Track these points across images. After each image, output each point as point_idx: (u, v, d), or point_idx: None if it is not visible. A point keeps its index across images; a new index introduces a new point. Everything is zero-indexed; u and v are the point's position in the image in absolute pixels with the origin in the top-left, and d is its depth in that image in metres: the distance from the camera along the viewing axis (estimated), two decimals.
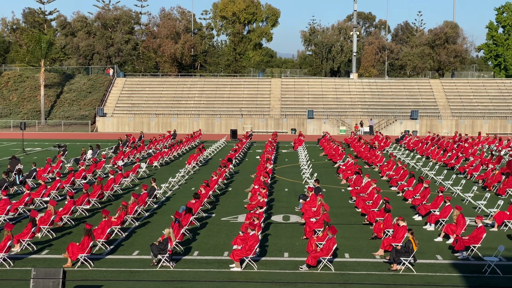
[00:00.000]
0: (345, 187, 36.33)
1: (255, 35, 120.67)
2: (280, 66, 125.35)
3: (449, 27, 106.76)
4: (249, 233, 21.13)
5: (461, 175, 40.70)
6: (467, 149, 50.52)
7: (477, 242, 21.96)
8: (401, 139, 64.14)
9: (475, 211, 28.89)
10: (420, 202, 29.12)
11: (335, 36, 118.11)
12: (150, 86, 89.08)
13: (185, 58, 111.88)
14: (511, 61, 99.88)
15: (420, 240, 22.63)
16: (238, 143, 54.59)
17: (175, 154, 51.82)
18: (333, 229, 21.12)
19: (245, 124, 79.14)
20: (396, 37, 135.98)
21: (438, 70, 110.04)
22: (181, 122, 79.98)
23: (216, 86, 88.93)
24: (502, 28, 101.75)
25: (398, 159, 47.04)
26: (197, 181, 37.67)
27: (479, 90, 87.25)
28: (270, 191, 34.28)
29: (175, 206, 29.72)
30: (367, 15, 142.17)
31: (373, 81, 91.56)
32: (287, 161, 49.88)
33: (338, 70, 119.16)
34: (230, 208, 30.23)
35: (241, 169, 44.55)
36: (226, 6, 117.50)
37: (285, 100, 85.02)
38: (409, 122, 78.74)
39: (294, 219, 27.89)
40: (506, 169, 37.61)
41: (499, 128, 78.29)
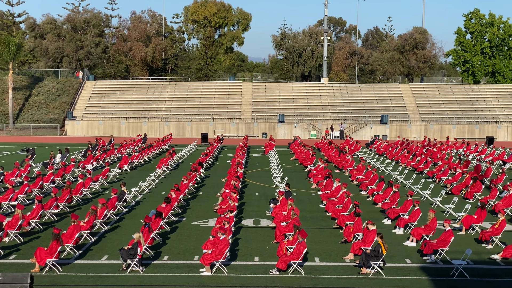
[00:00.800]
0: (315, 191, 36.46)
1: (226, 39, 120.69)
2: (251, 70, 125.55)
3: (418, 33, 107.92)
4: (219, 237, 21.10)
5: (429, 179, 41.11)
6: (435, 154, 51.06)
7: (445, 245, 22.21)
8: (371, 144, 64.60)
9: (443, 215, 29.19)
10: (390, 206, 29.34)
11: (306, 41, 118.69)
12: (120, 90, 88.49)
13: (156, 61, 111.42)
14: (479, 66, 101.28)
15: (390, 244, 22.80)
16: (209, 147, 54.49)
17: (146, 158, 51.53)
18: (303, 233, 21.18)
19: (216, 128, 79.05)
20: (367, 42, 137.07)
21: (408, 75, 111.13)
22: (151, 126, 79.59)
23: (187, 90, 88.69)
24: (470, 34, 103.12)
25: (368, 163, 47.32)
26: (167, 185, 37.49)
27: (448, 95, 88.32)
28: (241, 195, 34.27)
29: (145, 210, 29.55)
30: (338, 20, 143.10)
31: (344, 85, 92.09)
32: (258, 165, 49.92)
33: (309, 74, 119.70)
34: (200, 212, 30.15)
35: (212, 173, 44.46)
36: (197, 10, 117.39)
37: (256, 104, 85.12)
38: (379, 127, 79.37)
39: (264, 223, 27.91)
40: (474, 174, 38.12)
41: (467, 133, 79.30)
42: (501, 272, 21.13)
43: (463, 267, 20.54)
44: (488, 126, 79.80)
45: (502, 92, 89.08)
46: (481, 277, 20.42)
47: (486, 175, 40.11)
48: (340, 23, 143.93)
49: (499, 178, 37.59)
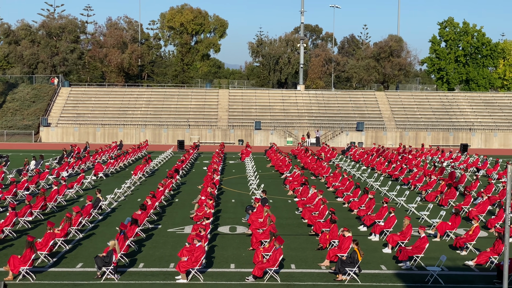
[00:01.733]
0: (291, 198, 36.52)
1: (203, 46, 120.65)
2: (227, 77, 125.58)
3: (393, 41, 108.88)
4: (195, 244, 21.02)
5: (405, 186, 41.41)
6: (411, 161, 51.44)
7: (420, 252, 22.35)
8: (347, 151, 64.90)
9: (418, 222, 29.39)
10: (365, 213, 29.49)
11: (283, 48, 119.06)
12: (96, 96, 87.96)
13: (132, 68, 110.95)
14: (453, 74, 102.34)
15: (365, 251, 22.89)
16: (185, 154, 54.33)
17: (121, 165, 51.24)
18: (280, 239, 21.19)
19: (193, 135, 78.88)
20: (343, 49, 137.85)
21: (383, 82, 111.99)
22: (127, 133, 79.18)
23: (164, 97, 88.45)
24: (445, 42, 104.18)
25: (344, 170, 47.53)
26: (143, 192, 37.31)
27: (423, 103, 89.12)
28: (217, 202, 34.20)
29: (121, 217, 29.35)
30: (314, 28, 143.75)
31: (320, 93, 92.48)
32: (234, 172, 49.88)
33: (285, 81, 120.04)
34: (176, 219, 30.03)
35: (188, 180, 44.33)
36: (173, 16, 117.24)
37: (232, 111, 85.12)
38: (355, 134, 79.80)
39: (241, 230, 27.87)
40: (448, 181, 38.46)
41: (442, 140, 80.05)
42: (475, 278, 21.32)
43: (438, 274, 20.69)
44: (462, 133, 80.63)
45: (476, 99, 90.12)
46: (456, 284, 20.59)
47: (460, 182, 40.49)
48: (316, 30, 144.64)
49: (473, 185, 37.96)
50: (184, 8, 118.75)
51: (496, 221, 27.93)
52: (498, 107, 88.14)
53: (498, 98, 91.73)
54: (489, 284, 20.57)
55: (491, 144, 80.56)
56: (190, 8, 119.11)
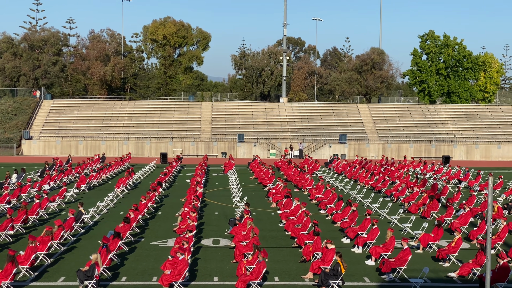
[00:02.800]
0: (275, 210, 36.50)
1: (185, 58, 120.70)
2: (210, 89, 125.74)
3: (375, 54, 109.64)
4: (178, 257, 20.93)
5: (387, 198, 41.57)
6: (393, 173, 51.67)
7: (403, 264, 22.42)
8: (330, 163, 65.07)
9: (401, 234, 29.49)
10: (348, 225, 29.54)
11: (265, 61, 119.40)
12: (78, 109, 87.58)
13: (114, 80, 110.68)
14: (434, 87, 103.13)
15: (348, 263, 22.92)
16: (168, 167, 54.19)
17: (104, 178, 50.98)
18: (264, 252, 21.16)
19: (176, 148, 78.72)
20: (325, 62, 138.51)
21: (366, 95, 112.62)
22: (110, 145, 78.84)
23: (146, 109, 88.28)
24: (426, 55, 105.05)
25: (327, 182, 47.63)
26: (126, 205, 37.12)
27: (405, 115, 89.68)
28: (200, 215, 34.11)
29: (103, 230, 29.16)
30: (297, 40, 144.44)
31: (303, 105, 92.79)
32: (218, 184, 49.80)
33: (268, 94, 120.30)
34: (159, 232, 29.89)
35: (171, 192, 44.19)
36: (156, 29, 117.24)
37: (215, 124, 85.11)
38: (338, 146, 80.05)
39: (224, 242, 27.80)
40: (431, 192, 38.67)
41: (424, 152, 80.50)
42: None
43: (421, 285, 20.75)
44: (444, 145, 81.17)
45: (457, 112, 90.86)
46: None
47: (442, 194, 40.72)
48: (299, 43, 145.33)
49: (455, 196, 38.19)
50: (167, 21, 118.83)
51: (478, 233, 28.09)
52: (479, 119, 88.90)
53: (479, 110, 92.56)
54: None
55: (473, 156, 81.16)
56: (173, 20, 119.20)
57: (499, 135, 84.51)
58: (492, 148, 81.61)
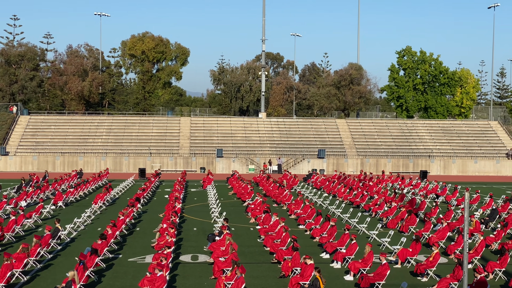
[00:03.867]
0: (253, 225, 36.43)
1: (164, 73, 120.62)
2: (189, 104, 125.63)
3: (353, 69, 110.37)
4: (156, 273, 20.77)
5: (366, 213, 41.67)
6: (371, 188, 51.86)
7: (382, 279, 22.44)
8: (308, 178, 65.16)
9: (379, 248, 29.56)
10: (327, 240, 29.54)
11: (244, 76, 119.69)
12: (55, 124, 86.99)
13: (92, 95, 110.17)
14: (412, 102, 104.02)
15: (327, 278, 22.89)
16: (146, 182, 53.91)
17: (81, 194, 50.56)
18: (242, 268, 21.07)
19: (154, 163, 78.39)
20: (304, 77, 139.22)
21: (344, 110, 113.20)
22: (88, 161, 78.30)
23: (125, 124, 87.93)
24: (403, 70, 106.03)
25: (305, 197, 47.67)
26: (103, 221, 36.81)
27: (383, 130, 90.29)
28: (179, 231, 33.93)
29: (80, 247, 28.87)
30: (275, 56, 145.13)
31: (281, 120, 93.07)
32: (196, 200, 49.63)
33: (247, 109, 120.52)
34: (137, 248, 29.66)
35: (149, 208, 43.93)
36: (135, 44, 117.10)
37: (194, 139, 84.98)
38: (317, 161, 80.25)
39: (202, 258, 27.65)
40: (408, 207, 38.84)
41: (402, 167, 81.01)
42: None
43: None
44: (421, 160, 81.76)
45: (435, 127, 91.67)
46: None
47: (420, 209, 40.93)
48: (278, 58, 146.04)
49: (433, 211, 38.40)
50: (146, 36, 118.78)
51: (455, 247, 28.24)
52: (456, 134, 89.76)
53: (456, 125, 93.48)
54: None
55: (450, 170, 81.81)
56: (152, 36, 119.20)
57: (475, 150, 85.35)
58: (469, 163, 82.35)
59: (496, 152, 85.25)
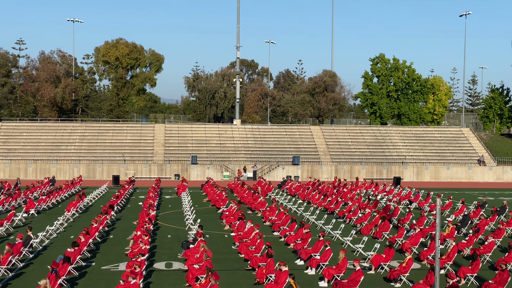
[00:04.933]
0: (228, 232, 36.36)
1: (138, 80, 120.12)
2: (164, 111, 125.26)
3: (328, 76, 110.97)
4: (130, 281, 20.62)
5: (340, 219, 41.82)
6: (346, 194, 52.09)
7: (356, 285, 22.53)
8: (283, 184, 65.26)
9: (353, 255, 29.67)
10: (302, 247, 29.58)
11: (219, 83, 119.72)
12: (27, 131, 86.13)
13: (65, 102, 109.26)
14: (385, 109, 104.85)
15: (302, 285, 22.91)
16: (120, 189, 53.55)
17: (54, 201, 50.06)
18: (216, 275, 21.02)
19: (128, 170, 77.92)
20: (278, 84, 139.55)
21: (318, 117, 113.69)
22: (60, 168, 77.55)
23: (98, 131, 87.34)
24: (377, 78, 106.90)
25: (280, 204, 47.71)
26: (76, 229, 36.48)
27: (357, 137, 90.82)
28: (153, 238, 33.74)
29: (53, 255, 28.55)
30: (250, 63, 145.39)
31: (256, 127, 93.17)
32: (171, 207, 49.42)
33: (221, 116, 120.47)
34: (110, 256, 29.42)
35: (123, 215, 43.63)
36: (108, 51, 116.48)
37: (168, 146, 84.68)
38: (291, 168, 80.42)
39: (177, 266, 27.52)
40: (382, 213, 39.07)
41: (376, 173, 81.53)
42: None
43: None
44: (395, 167, 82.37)
45: (408, 134, 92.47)
46: None
47: (394, 215, 41.19)
48: (252, 65, 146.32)
49: (406, 217, 38.67)
50: (119, 43, 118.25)
51: (428, 253, 28.45)
52: (429, 141, 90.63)
53: (428, 132, 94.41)
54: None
55: (423, 177, 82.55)
56: (125, 42, 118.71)
57: (447, 157, 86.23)
58: (441, 169, 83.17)
59: (468, 158, 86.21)
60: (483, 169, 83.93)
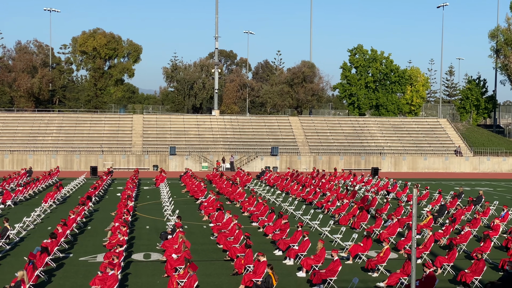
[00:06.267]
0: (207, 223, 36.37)
1: (116, 70, 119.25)
2: (142, 102, 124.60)
3: (306, 67, 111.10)
4: (108, 272, 20.57)
5: (318, 209, 42.00)
6: (324, 185, 52.31)
7: (333, 275, 22.68)
8: (261, 175, 65.36)
9: (331, 245, 29.84)
10: (280, 237, 29.69)
11: (197, 73, 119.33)
12: (4, 122, 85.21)
13: (42, 93, 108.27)
14: (363, 100, 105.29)
15: (280, 275, 23.01)
16: (98, 180, 53.29)
17: (31, 192, 49.68)
18: (194, 266, 21.04)
19: (106, 161, 77.47)
20: (257, 75, 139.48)
21: (297, 107, 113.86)
22: (37, 159, 76.91)
23: (76, 122, 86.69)
24: (355, 68, 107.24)
25: (259, 195, 47.80)
26: (54, 220, 36.25)
27: (335, 127, 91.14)
28: (131, 229, 33.64)
29: (30, 247, 28.37)
30: (229, 53, 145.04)
31: (235, 118, 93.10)
32: (149, 198, 49.29)
33: (200, 106, 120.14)
34: (88, 247, 29.30)
35: (101, 206, 43.44)
36: (86, 41, 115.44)
37: (147, 137, 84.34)
38: (270, 158, 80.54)
39: (155, 257, 27.49)
40: (360, 204, 39.32)
41: (354, 164, 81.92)
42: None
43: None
44: (373, 157, 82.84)
45: (386, 124, 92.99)
46: None
47: (371, 205, 41.46)
48: (231, 56, 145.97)
49: (384, 207, 38.96)
50: (97, 33, 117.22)
51: (405, 243, 28.71)
52: (406, 132, 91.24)
53: (406, 123, 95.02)
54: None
55: (400, 167, 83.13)
56: (103, 32, 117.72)
57: (425, 147, 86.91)
58: (419, 159, 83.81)
59: (444, 149, 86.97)
60: (459, 160, 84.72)
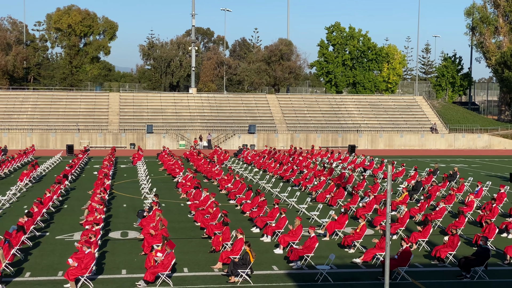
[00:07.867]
0: (184, 201, 36.39)
1: (92, 48, 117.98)
2: (118, 80, 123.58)
3: (283, 45, 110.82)
4: (85, 251, 20.52)
5: (296, 187, 42.18)
6: (301, 162, 52.49)
7: (310, 251, 22.85)
8: (239, 153, 65.39)
9: (308, 222, 30.03)
10: (257, 215, 29.81)
11: (174, 51, 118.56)
12: None
13: (17, 70, 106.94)
14: (341, 77, 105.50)
15: (257, 252, 23.14)
16: (74, 159, 52.95)
17: (6, 171, 49.24)
18: (171, 243, 21.06)
19: (82, 139, 76.93)
20: (234, 52, 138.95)
21: (274, 85, 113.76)
22: (12, 138, 76.13)
23: (51, 100, 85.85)
24: (332, 46, 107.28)
25: (236, 172, 47.86)
26: (29, 198, 35.99)
27: (312, 105, 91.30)
28: (108, 207, 33.56)
29: (6, 225, 28.16)
30: (206, 31, 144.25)
31: (212, 96, 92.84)
32: (126, 176, 49.14)
33: (177, 84, 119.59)
34: (65, 226, 29.19)
35: (77, 185, 43.24)
36: (60, 17, 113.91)
37: (123, 115, 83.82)
38: (247, 136, 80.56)
39: (132, 235, 27.48)
40: (337, 181, 39.55)
41: (331, 141, 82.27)
42: (362, 275, 22.02)
43: (327, 272, 21.21)
44: (350, 135, 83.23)
45: (363, 102, 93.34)
46: (344, 281, 21.19)
47: (348, 182, 41.72)
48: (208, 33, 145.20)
49: (360, 184, 39.23)
50: (72, 9, 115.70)
51: (381, 219, 28.98)
52: (383, 109, 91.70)
53: (383, 100, 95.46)
54: (374, 280, 21.31)
55: (377, 145, 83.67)
56: (78, 9, 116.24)
57: (401, 125, 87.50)
58: (395, 137, 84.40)
59: (420, 126, 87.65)
60: (435, 137, 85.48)
